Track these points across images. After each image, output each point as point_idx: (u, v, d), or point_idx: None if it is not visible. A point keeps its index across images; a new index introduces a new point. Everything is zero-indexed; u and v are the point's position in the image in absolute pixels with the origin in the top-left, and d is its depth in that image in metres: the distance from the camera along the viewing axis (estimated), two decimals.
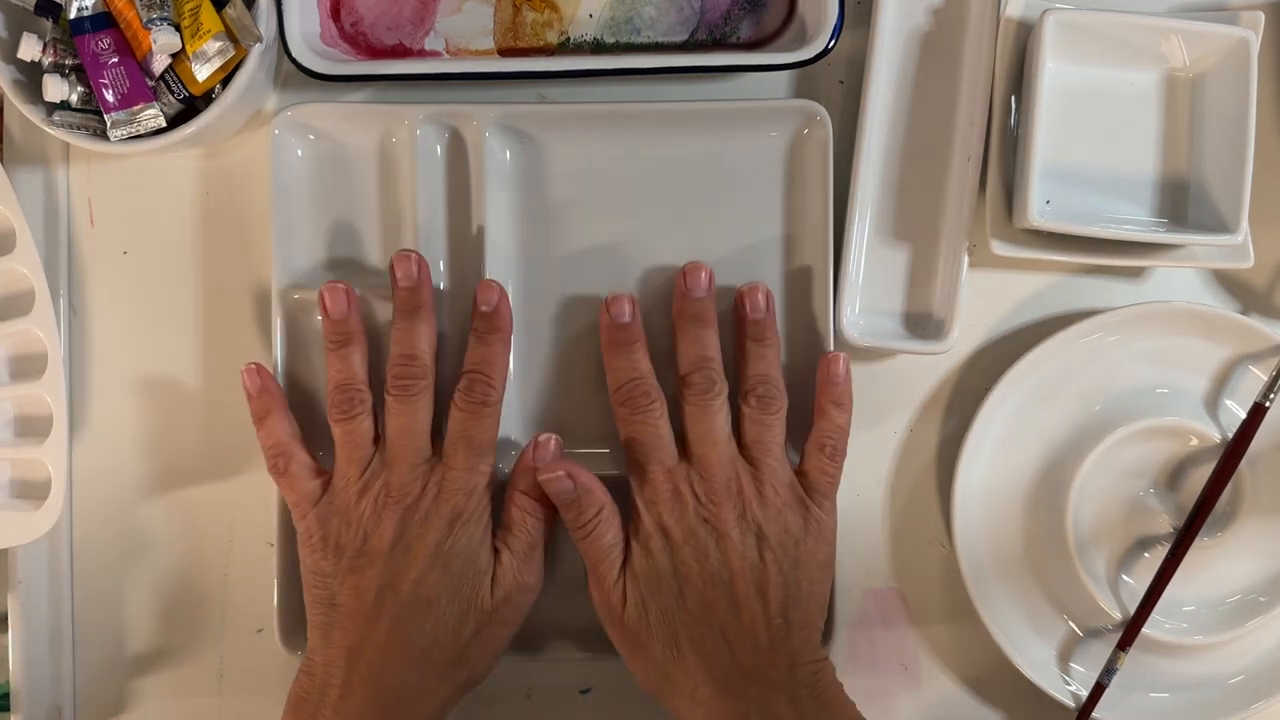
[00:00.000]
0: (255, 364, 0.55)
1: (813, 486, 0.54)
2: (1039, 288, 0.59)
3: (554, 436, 0.56)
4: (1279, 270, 0.59)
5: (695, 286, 0.55)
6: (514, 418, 0.57)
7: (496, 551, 0.54)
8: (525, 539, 0.54)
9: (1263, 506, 0.58)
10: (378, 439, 0.55)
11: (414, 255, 0.55)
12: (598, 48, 0.58)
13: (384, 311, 0.57)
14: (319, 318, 0.57)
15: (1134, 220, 0.57)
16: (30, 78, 0.54)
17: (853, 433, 0.56)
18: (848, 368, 0.55)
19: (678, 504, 0.53)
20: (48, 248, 0.58)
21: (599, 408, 0.57)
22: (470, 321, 0.55)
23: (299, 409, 0.56)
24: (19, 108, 0.54)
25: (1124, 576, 0.58)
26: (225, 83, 0.54)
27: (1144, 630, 0.56)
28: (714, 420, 0.53)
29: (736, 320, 0.56)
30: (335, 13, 0.58)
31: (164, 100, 0.54)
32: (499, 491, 0.55)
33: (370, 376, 0.55)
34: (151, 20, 0.52)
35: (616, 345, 0.55)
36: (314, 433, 0.56)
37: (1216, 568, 0.58)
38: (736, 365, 0.55)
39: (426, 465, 0.54)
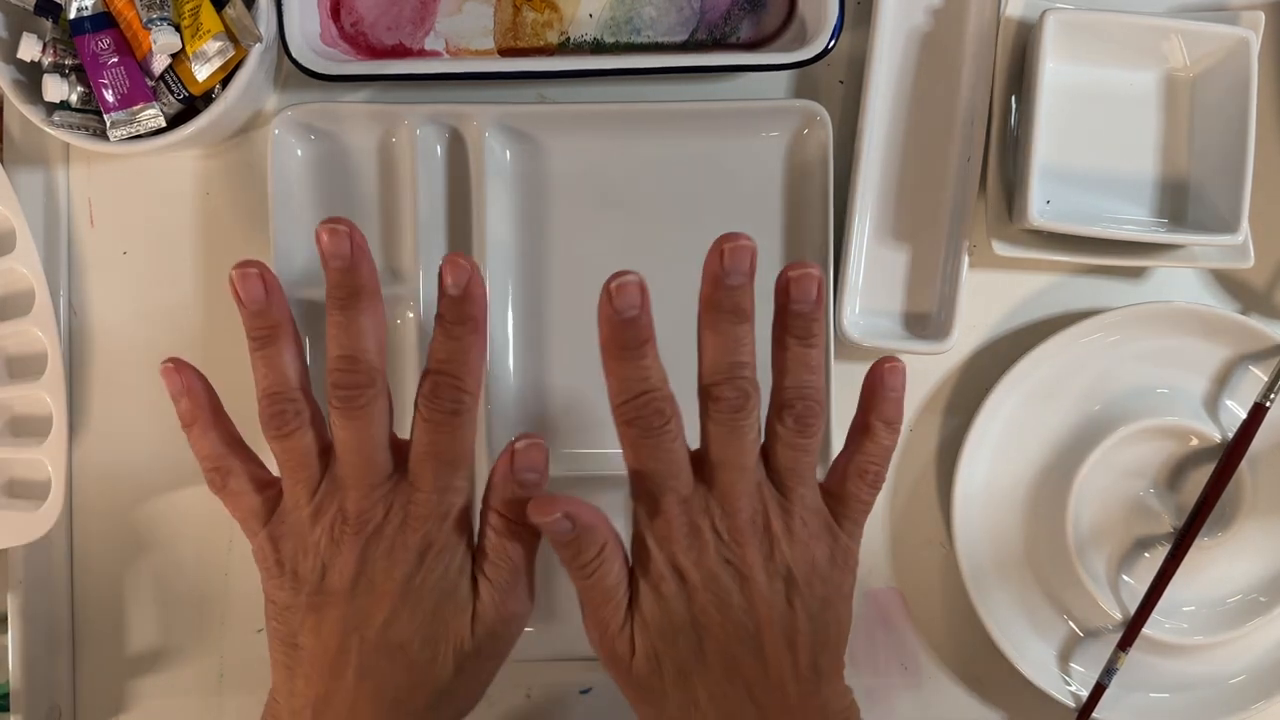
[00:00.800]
0: (173, 361, 0.47)
1: (845, 514, 0.47)
2: (1039, 288, 0.59)
3: (537, 441, 0.47)
4: (1279, 270, 0.59)
5: (736, 269, 0.44)
6: (512, 423, 0.57)
7: (476, 581, 0.47)
8: (507, 567, 0.46)
9: (1263, 506, 0.58)
10: (327, 450, 0.47)
11: (347, 227, 0.45)
12: (598, 48, 0.58)
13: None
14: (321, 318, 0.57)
15: (1134, 220, 0.57)
16: (30, 78, 0.54)
17: None
18: (905, 381, 0.46)
19: (696, 542, 0.45)
20: (48, 248, 0.58)
21: (600, 406, 0.57)
22: (437, 305, 0.46)
23: None
24: (19, 108, 0.54)
25: (1124, 576, 0.58)
26: (225, 83, 0.54)
27: (1144, 630, 0.56)
28: (744, 442, 0.45)
29: (777, 308, 0.46)
30: (335, 13, 0.58)
31: (164, 100, 0.54)
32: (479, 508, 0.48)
33: (307, 376, 0.47)
34: (151, 20, 0.52)
35: (623, 347, 0.44)
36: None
37: (1216, 568, 0.58)
38: (772, 367, 0.46)
39: (388, 485, 0.46)
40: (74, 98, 0.54)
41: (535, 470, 0.47)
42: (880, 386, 0.47)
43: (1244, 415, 0.57)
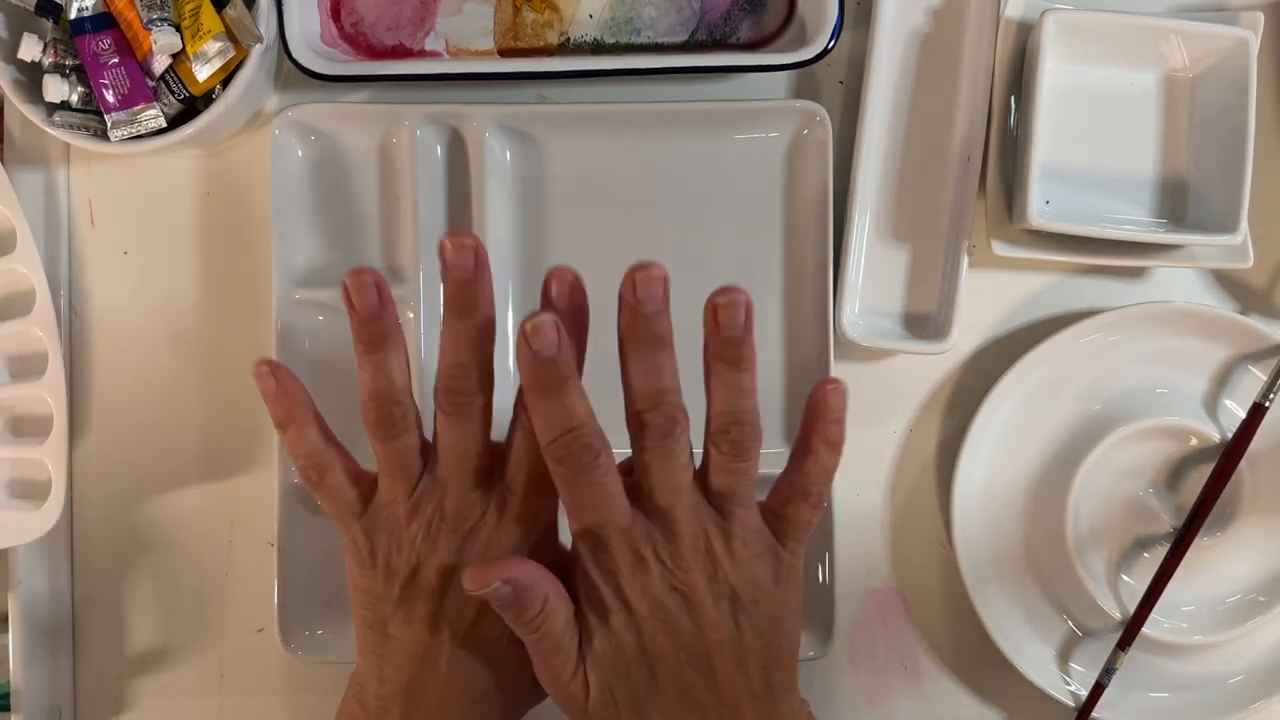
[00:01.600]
0: (268, 362, 0.48)
1: (788, 534, 0.47)
2: (1039, 288, 0.59)
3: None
4: (1279, 270, 0.59)
5: (648, 298, 0.44)
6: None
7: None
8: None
9: (1262, 506, 0.58)
10: (426, 450, 0.48)
11: (473, 241, 0.45)
12: (598, 48, 0.58)
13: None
14: (321, 318, 0.57)
15: (1134, 220, 0.57)
16: (31, 78, 0.54)
17: (852, 433, 0.56)
18: (845, 403, 0.47)
19: (639, 571, 0.45)
20: (48, 248, 0.58)
21: (600, 407, 0.57)
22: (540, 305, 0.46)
23: None
24: (19, 108, 0.54)
25: (1124, 576, 0.58)
26: (225, 83, 0.54)
27: (1144, 630, 0.57)
28: (676, 466, 0.45)
29: (707, 335, 0.45)
30: (335, 13, 0.58)
31: (164, 100, 0.54)
32: None
33: (410, 379, 0.48)
34: (152, 21, 0.53)
35: (544, 387, 0.44)
36: None
37: (1216, 568, 0.58)
38: (706, 391, 0.46)
39: (485, 486, 0.47)
40: (74, 98, 0.54)
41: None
42: (822, 408, 0.47)
43: (1243, 415, 0.57)
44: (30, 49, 0.53)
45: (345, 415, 0.57)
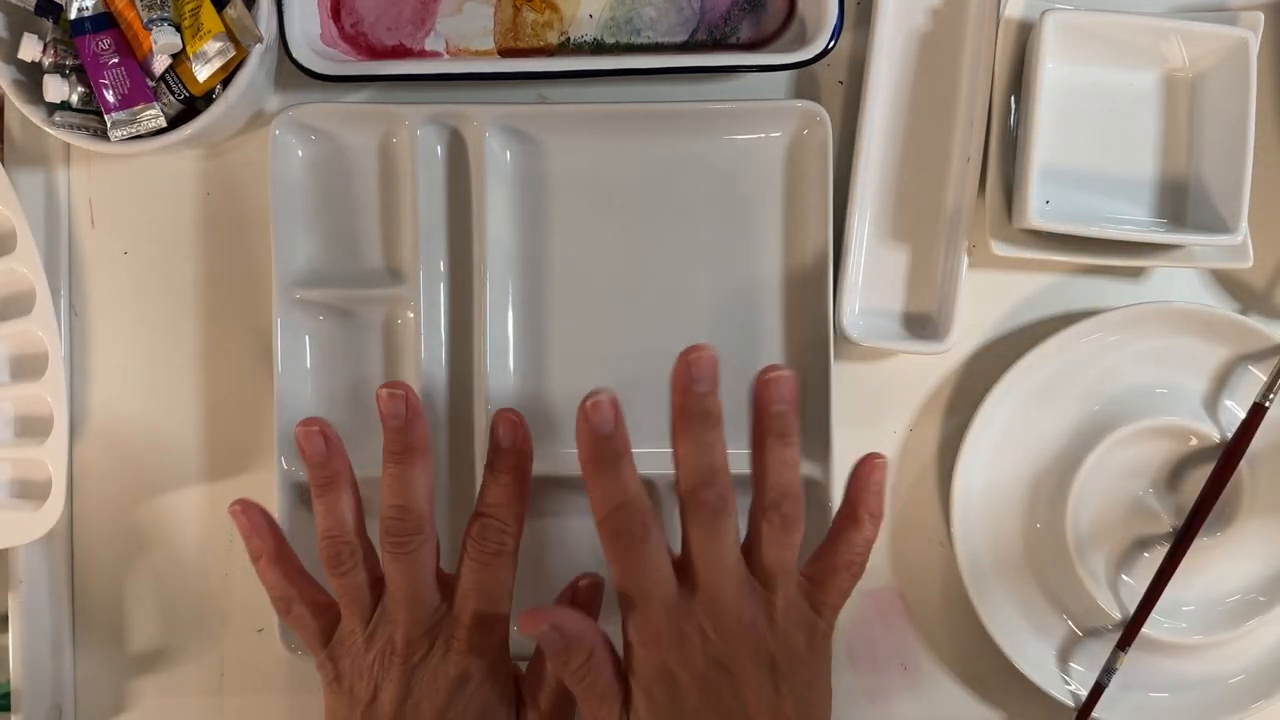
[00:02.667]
0: (240, 503, 0.53)
1: (826, 603, 0.49)
2: (1039, 288, 0.59)
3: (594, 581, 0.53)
4: (1279, 270, 0.59)
5: (701, 378, 0.46)
6: None
7: (521, 707, 0.51)
8: (550, 694, 0.50)
9: (1262, 506, 0.58)
10: (379, 582, 0.51)
11: (404, 391, 0.51)
12: (598, 48, 0.58)
13: (377, 314, 0.57)
14: (321, 318, 0.57)
15: (1134, 220, 0.57)
16: (31, 78, 0.54)
17: (853, 432, 0.56)
18: (886, 475, 0.50)
19: (683, 644, 0.46)
20: (48, 248, 0.58)
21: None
22: (488, 454, 0.52)
23: (298, 412, 0.56)
24: (19, 108, 0.54)
25: (1124, 576, 0.58)
26: (226, 83, 0.54)
27: (1144, 630, 0.57)
28: (724, 543, 0.47)
29: (756, 410, 0.48)
30: (335, 13, 0.58)
31: (164, 100, 0.54)
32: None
33: (362, 519, 0.52)
34: (152, 21, 0.53)
35: (600, 462, 0.47)
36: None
37: (1216, 568, 0.58)
38: (752, 466, 0.48)
39: (434, 618, 0.50)
40: (75, 98, 0.54)
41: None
42: (867, 480, 0.50)
43: (1243, 415, 0.57)
44: (30, 49, 0.53)
45: (346, 414, 0.57)
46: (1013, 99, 0.57)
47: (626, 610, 0.48)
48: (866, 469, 0.50)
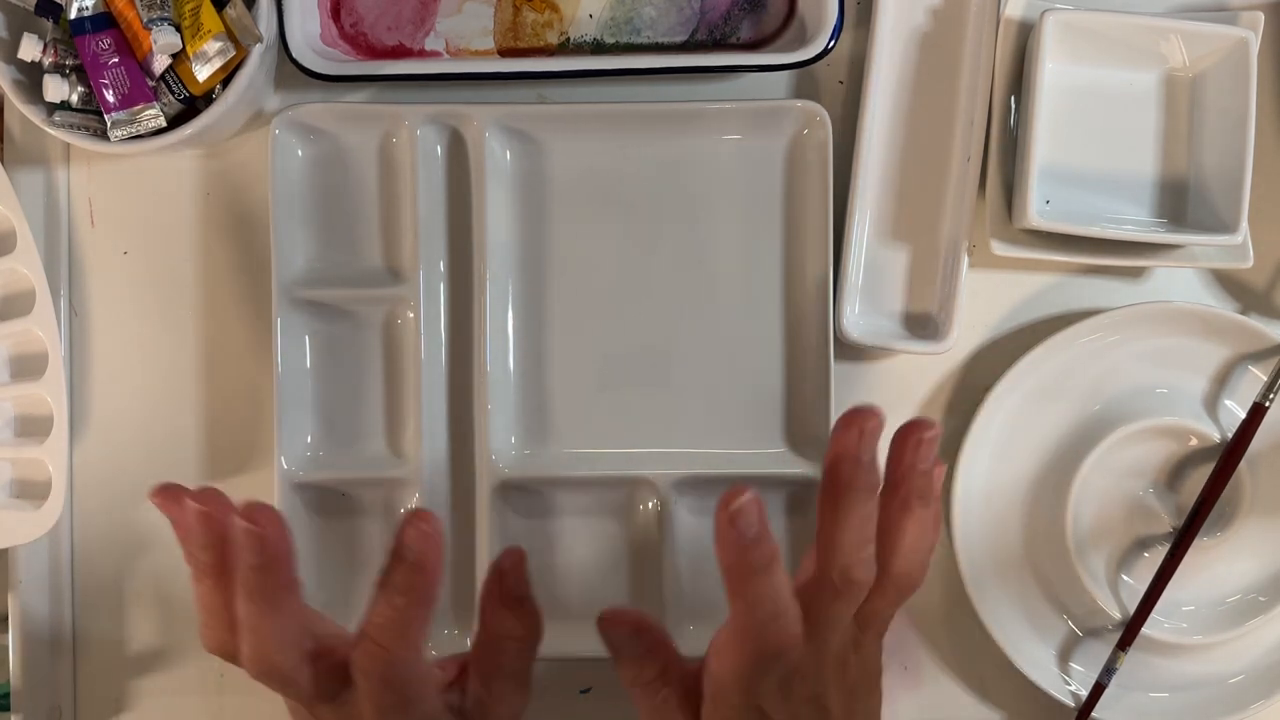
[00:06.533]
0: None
1: (879, 629, 0.48)
2: (1039, 288, 0.59)
3: (517, 553, 0.47)
4: (1279, 270, 0.59)
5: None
6: (513, 421, 0.57)
7: None
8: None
9: (1262, 506, 0.58)
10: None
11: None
12: (598, 48, 0.58)
13: (372, 317, 0.57)
14: (321, 318, 0.57)
15: (1134, 220, 0.57)
16: (30, 78, 0.54)
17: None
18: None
19: (785, 691, 0.45)
20: (48, 248, 0.58)
21: (600, 407, 0.57)
22: (387, 559, 0.44)
23: (297, 409, 0.56)
24: (19, 108, 0.54)
25: (1124, 576, 0.58)
26: (225, 83, 0.54)
27: (1144, 630, 0.57)
28: (851, 611, 0.45)
29: (896, 466, 0.46)
30: (335, 13, 0.58)
31: (164, 100, 0.54)
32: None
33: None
34: (152, 20, 0.53)
35: (752, 570, 0.43)
36: (330, 434, 0.57)
37: (1216, 568, 0.58)
38: (884, 519, 0.46)
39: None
40: (74, 98, 0.54)
41: (526, 582, 0.48)
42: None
43: (1243, 415, 0.57)
44: (30, 49, 0.53)
45: (346, 414, 0.57)
46: (1013, 99, 0.57)
47: (735, 666, 0.45)
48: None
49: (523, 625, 0.48)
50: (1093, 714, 0.57)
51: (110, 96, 0.53)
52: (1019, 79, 0.57)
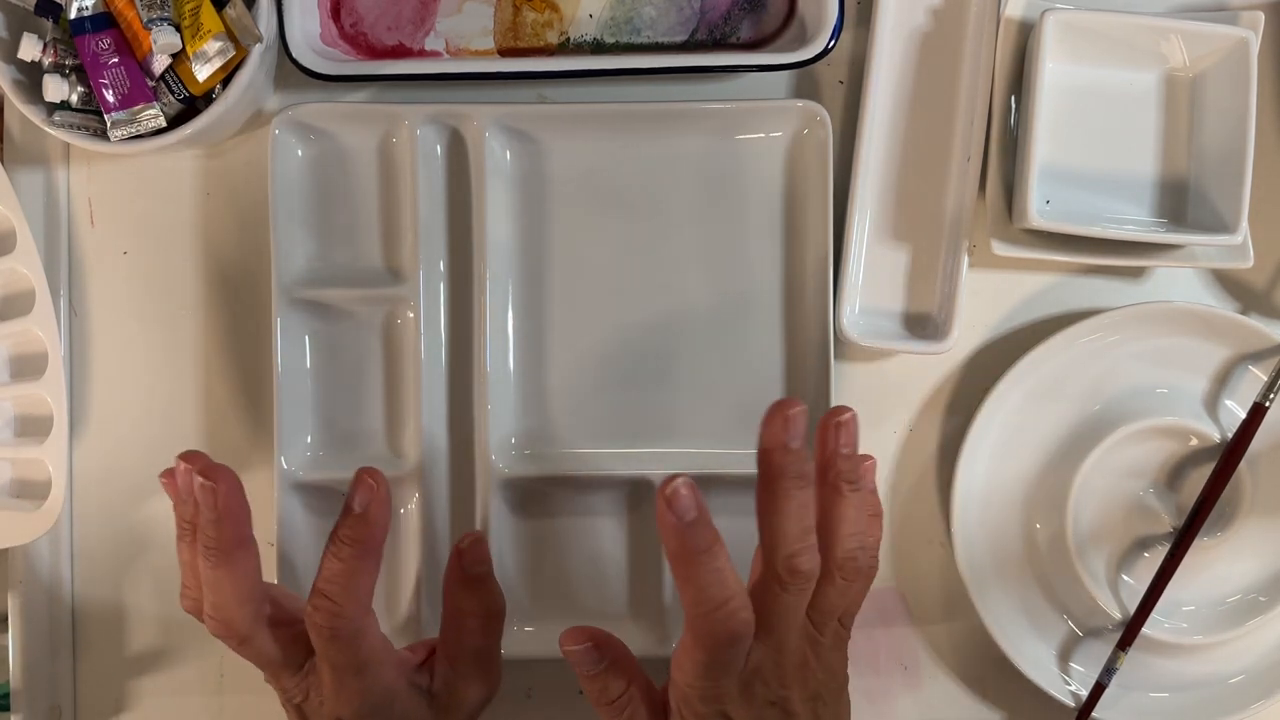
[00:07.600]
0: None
1: (849, 612, 0.49)
2: (1039, 288, 0.59)
3: (476, 535, 0.51)
4: (1279, 270, 0.59)
5: (795, 435, 0.44)
6: (514, 420, 0.57)
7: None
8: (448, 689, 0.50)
9: (1263, 506, 0.58)
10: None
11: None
12: (598, 48, 0.58)
13: (370, 316, 0.57)
14: (321, 318, 0.57)
15: (1134, 220, 0.57)
16: (30, 78, 0.54)
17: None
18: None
19: (747, 695, 0.46)
20: (48, 248, 0.58)
21: (600, 406, 0.57)
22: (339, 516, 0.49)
23: (297, 409, 0.57)
24: (19, 108, 0.54)
25: (1124, 576, 0.58)
26: (225, 83, 0.54)
27: (1144, 630, 0.57)
28: (803, 603, 0.46)
29: (821, 454, 0.47)
30: (335, 13, 0.58)
31: (164, 100, 0.54)
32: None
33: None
34: (152, 20, 0.53)
35: (692, 554, 0.44)
36: (330, 434, 0.57)
37: (1216, 568, 0.58)
38: (820, 508, 0.47)
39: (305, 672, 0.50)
40: (74, 98, 0.54)
41: (483, 562, 0.51)
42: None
43: (1243, 415, 0.57)
44: (30, 49, 0.53)
45: (346, 415, 0.57)
46: (1013, 99, 0.57)
47: (694, 676, 0.46)
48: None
49: (482, 603, 0.50)
50: (1093, 714, 0.57)
51: (110, 96, 0.53)
52: (1019, 79, 0.57)
